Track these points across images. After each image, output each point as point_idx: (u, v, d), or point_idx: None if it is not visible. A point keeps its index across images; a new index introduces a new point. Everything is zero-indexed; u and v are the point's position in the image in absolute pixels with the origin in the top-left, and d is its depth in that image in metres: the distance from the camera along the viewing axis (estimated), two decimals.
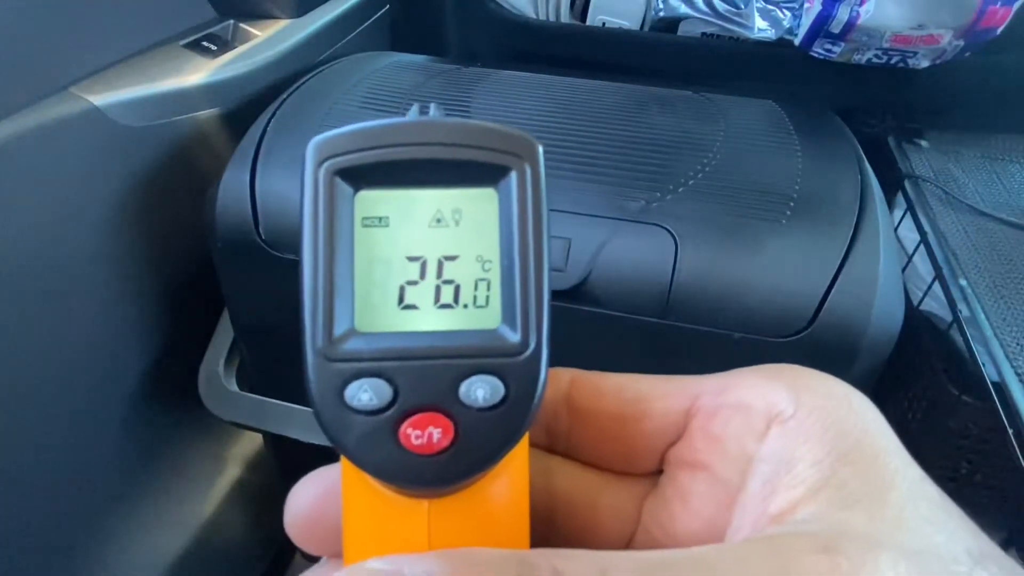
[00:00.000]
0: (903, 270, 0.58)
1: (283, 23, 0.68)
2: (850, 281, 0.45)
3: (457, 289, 0.15)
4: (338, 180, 0.15)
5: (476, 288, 0.15)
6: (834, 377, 0.16)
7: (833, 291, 0.45)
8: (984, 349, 0.47)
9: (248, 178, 0.52)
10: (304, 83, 0.61)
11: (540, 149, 0.15)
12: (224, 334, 0.62)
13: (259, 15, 0.68)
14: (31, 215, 0.50)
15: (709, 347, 0.47)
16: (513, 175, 0.15)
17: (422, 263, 0.15)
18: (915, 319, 0.58)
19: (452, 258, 0.15)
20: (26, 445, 0.51)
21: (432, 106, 0.16)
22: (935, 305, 0.57)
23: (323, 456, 0.17)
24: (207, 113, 0.60)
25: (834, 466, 0.14)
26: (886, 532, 0.13)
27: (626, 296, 0.47)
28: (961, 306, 0.50)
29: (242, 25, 0.66)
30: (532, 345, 0.15)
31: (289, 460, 0.73)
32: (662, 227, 0.47)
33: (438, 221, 0.15)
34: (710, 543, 0.14)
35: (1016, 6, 0.54)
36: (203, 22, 0.65)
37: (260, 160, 0.53)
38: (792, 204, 0.48)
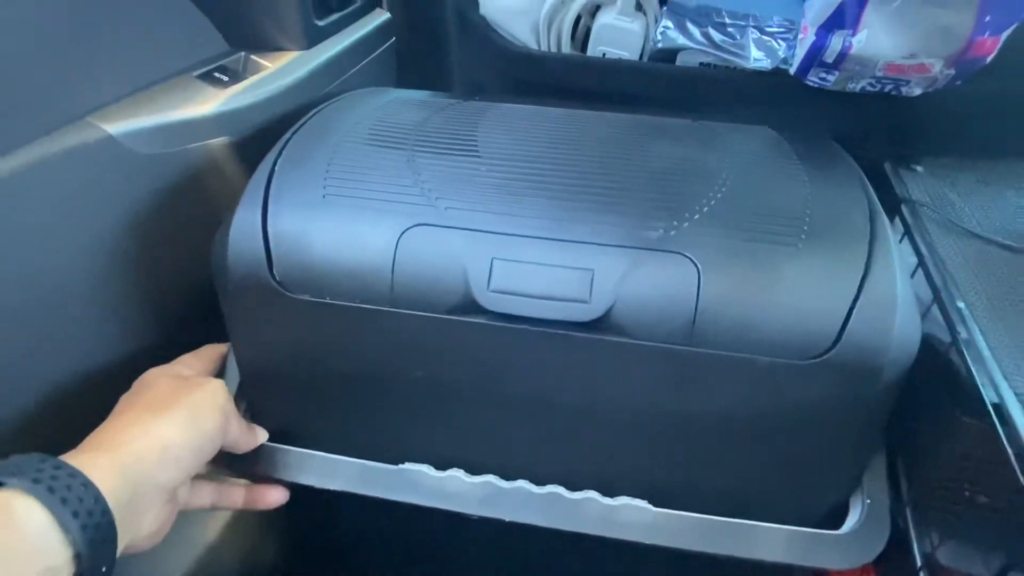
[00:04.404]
0: None
1: (293, 55, 0.70)
2: (870, 300, 0.46)
3: None
4: None
5: None
6: None
7: (855, 311, 0.45)
8: (983, 370, 0.47)
9: (260, 219, 0.51)
10: (308, 120, 0.62)
11: None
12: (232, 376, 0.60)
13: (270, 47, 0.70)
14: (49, 240, 0.51)
15: (735, 371, 0.47)
16: None
17: None
18: None
19: None
20: None
21: None
22: (934, 327, 0.57)
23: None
24: (218, 141, 0.61)
25: None
26: None
27: (651, 324, 0.47)
28: (960, 328, 0.50)
29: (253, 57, 0.68)
30: None
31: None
32: (683, 255, 0.47)
33: None
34: None
35: (1004, 36, 0.55)
36: (216, 54, 0.67)
37: (271, 200, 0.52)
38: (806, 228, 0.49)
